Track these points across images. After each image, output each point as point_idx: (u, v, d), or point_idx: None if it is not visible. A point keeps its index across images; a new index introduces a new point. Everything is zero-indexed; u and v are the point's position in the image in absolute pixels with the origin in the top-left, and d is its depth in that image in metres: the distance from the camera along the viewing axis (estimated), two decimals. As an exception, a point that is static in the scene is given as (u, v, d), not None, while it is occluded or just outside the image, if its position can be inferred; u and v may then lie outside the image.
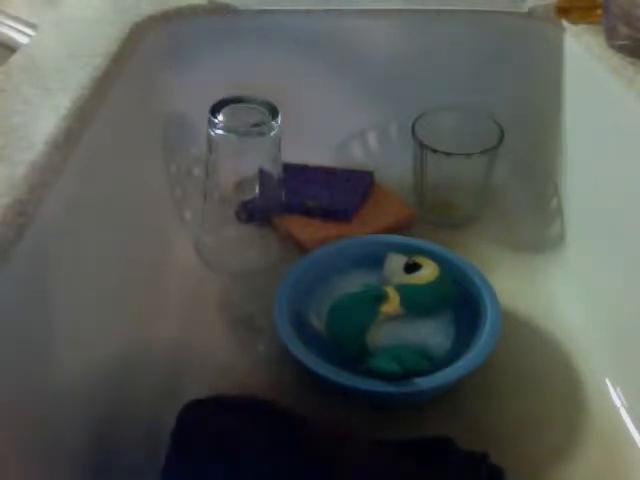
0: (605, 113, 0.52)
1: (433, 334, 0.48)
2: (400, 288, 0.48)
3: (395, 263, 0.51)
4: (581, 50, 0.55)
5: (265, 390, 0.47)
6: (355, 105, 0.67)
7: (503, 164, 0.61)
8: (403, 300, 0.48)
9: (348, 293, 0.49)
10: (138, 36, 0.56)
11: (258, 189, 0.55)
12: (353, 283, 0.50)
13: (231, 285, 0.57)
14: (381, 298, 0.48)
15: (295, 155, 0.59)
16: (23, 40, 0.47)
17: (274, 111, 0.50)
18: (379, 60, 0.65)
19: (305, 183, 0.65)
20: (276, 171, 0.54)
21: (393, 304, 0.48)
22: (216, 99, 0.50)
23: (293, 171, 0.64)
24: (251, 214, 0.56)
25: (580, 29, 0.56)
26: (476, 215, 0.64)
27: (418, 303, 0.48)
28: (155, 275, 0.55)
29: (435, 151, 0.58)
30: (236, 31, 0.63)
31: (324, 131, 0.68)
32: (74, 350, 0.39)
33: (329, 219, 0.61)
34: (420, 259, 0.50)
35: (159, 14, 0.60)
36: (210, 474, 0.36)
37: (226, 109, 0.50)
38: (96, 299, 0.43)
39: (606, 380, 0.48)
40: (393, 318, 0.48)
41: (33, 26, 0.48)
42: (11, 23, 0.47)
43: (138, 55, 0.55)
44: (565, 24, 0.58)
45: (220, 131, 0.49)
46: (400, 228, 0.61)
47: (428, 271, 0.49)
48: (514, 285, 0.55)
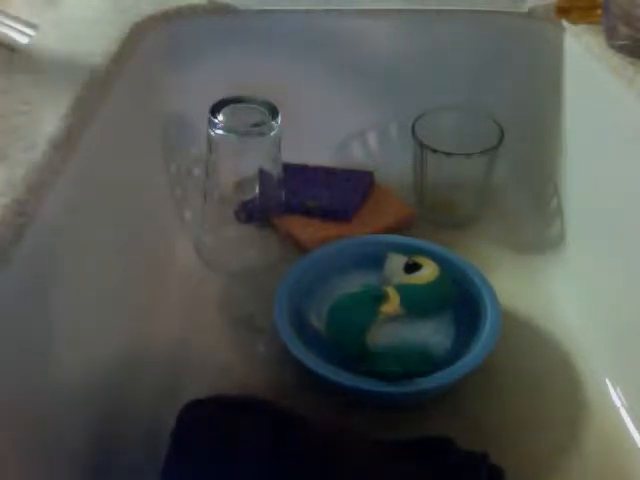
0: (605, 113, 0.52)
1: (433, 334, 0.48)
2: (400, 288, 0.48)
3: (395, 263, 0.51)
4: (581, 50, 0.55)
5: (265, 390, 0.47)
6: (355, 105, 0.67)
7: (503, 164, 0.61)
8: (403, 300, 0.48)
9: (348, 293, 0.49)
10: (138, 36, 0.56)
11: (258, 189, 0.54)
12: (353, 283, 0.50)
13: (231, 285, 0.57)
14: (381, 298, 0.48)
15: (295, 155, 0.59)
16: (23, 40, 0.47)
17: (274, 111, 0.50)
18: (379, 60, 0.65)
19: (305, 183, 0.65)
20: (276, 171, 0.54)
21: (393, 304, 0.48)
22: (216, 99, 0.50)
23: (293, 171, 0.63)
24: (251, 214, 0.56)
25: (580, 29, 0.56)
26: (476, 215, 0.64)
27: (418, 303, 0.48)
28: (155, 275, 0.55)
29: (435, 151, 0.58)
30: (236, 31, 0.63)
31: (324, 131, 0.68)
32: (74, 350, 0.39)
33: (329, 219, 0.61)
34: (420, 259, 0.50)
35: (159, 14, 0.60)
36: (210, 474, 0.36)
37: (226, 109, 0.50)
38: (96, 299, 0.43)
39: (606, 380, 0.48)
40: (393, 318, 0.48)
41: (33, 26, 0.47)
42: (11, 23, 0.47)
43: (138, 55, 0.55)
44: (565, 24, 0.58)
45: (220, 131, 0.49)
46: (400, 228, 0.61)
47: (428, 271, 0.49)
48: (514, 285, 0.55)
